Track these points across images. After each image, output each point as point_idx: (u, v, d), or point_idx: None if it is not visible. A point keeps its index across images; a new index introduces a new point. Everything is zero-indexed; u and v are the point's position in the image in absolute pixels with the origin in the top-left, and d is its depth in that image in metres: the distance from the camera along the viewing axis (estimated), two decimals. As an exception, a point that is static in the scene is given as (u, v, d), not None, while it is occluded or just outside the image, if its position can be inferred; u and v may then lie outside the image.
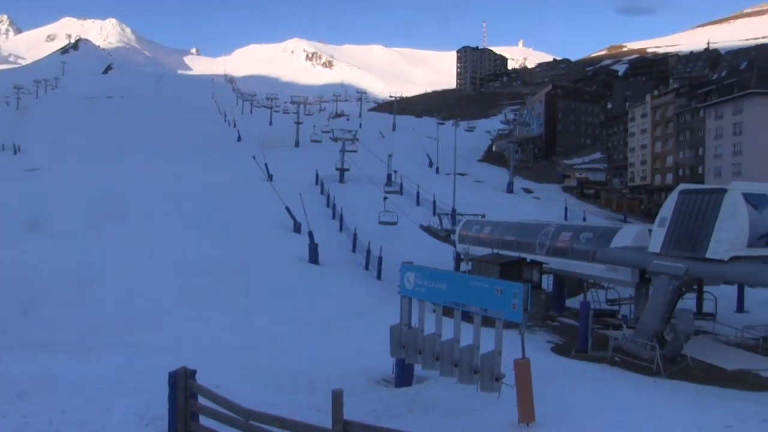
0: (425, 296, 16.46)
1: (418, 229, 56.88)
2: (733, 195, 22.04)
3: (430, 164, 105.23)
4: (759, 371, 21.87)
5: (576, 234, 32.66)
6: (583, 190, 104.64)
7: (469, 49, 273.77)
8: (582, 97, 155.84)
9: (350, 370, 18.64)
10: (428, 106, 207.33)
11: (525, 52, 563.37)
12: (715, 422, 14.86)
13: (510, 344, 14.77)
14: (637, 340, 24.13)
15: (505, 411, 14.10)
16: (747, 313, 32.89)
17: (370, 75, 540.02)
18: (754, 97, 78.47)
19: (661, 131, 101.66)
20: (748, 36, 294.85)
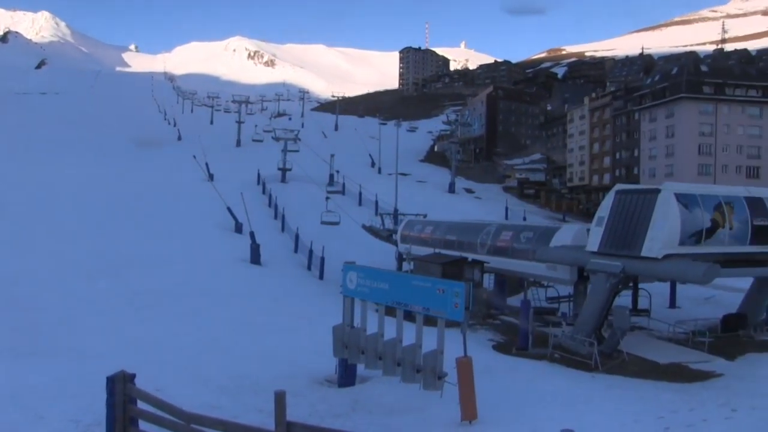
0: (367, 296, 16.48)
1: (360, 229, 56.95)
2: (666, 195, 22.71)
3: (372, 164, 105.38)
4: (689, 364, 22.61)
5: (516, 233, 33.16)
6: (523, 190, 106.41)
7: (412, 50, 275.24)
8: (522, 99, 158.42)
9: (293, 370, 18.53)
10: (371, 107, 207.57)
11: (467, 53, 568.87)
12: (649, 414, 15.37)
13: (452, 343, 14.91)
14: (576, 336, 24.63)
15: (448, 409, 14.24)
16: (679, 309, 33.93)
17: (312, 74, 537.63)
18: (684, 101, 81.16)
19: (598, 133, 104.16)
20: (679, 43, 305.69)
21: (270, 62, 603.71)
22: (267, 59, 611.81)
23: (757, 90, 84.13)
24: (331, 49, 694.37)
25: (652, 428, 14.29)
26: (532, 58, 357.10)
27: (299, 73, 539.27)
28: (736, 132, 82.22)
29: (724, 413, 15.58)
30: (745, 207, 23.70)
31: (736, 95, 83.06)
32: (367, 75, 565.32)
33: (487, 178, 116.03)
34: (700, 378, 20.88)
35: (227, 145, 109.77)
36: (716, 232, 22.94)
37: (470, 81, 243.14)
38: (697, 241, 22.64)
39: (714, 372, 21.56)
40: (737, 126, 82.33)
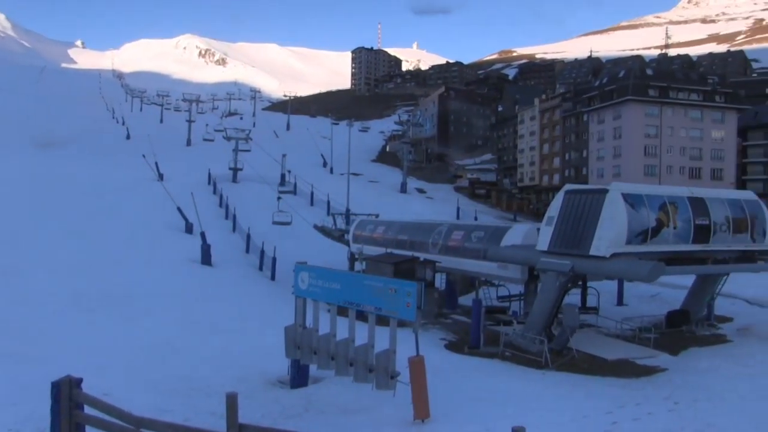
0: (319, 296, 16.45)
1: (312, 229, 56.75)
2: (614, 195, 23.18)
3: (324, 164, 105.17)
4: (635, 360, 23.18)
5: (468, 233, 33.43)
6: (474, 190, 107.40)
7: (364, 50, 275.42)
8: (474, 100, 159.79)
9: (245, 372, 18.39)
10: (323, 106, 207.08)
11: (419, 54, 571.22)
12: (597, 410, 15.71)
13: (404, 342, 14.99)
14: (527, 335, 24.98)
15: (401, 408, 14.31)
16: (626, 306, 34.72)
17: (264, 74, 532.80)
18: (631, 103, 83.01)
19: (548, 134, 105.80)
20: (626, 47, 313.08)
21: (221, 61, 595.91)
22: (218, 58, 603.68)
23: (698, 94, 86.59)
24: (284, 48, 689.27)
25: (600, 423, 14.59)
26: (483, 59, 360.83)
27: (251, 72, 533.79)
28: (679, 134, 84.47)
29: (667, 406, 16.06)
30: (688, 207, 24.35)
31: (679, 98, 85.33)
32: (319, 75, 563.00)
33: (438, 178, 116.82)
34: (646, 373, 21.42)
35: (177, 145, 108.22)
36: (661, 231, 23.50)
37: (422, 81, 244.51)
38: (643, 240, 23.16)
39: (659, 367, 22.15)
40: (680, 128, 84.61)
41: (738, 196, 27.77)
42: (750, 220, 26.11)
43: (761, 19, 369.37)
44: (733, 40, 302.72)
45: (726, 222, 25.12)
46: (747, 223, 25.98)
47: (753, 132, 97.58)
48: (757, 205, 27.15)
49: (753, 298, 34.27)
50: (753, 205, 26.91)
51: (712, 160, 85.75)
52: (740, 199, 27.13)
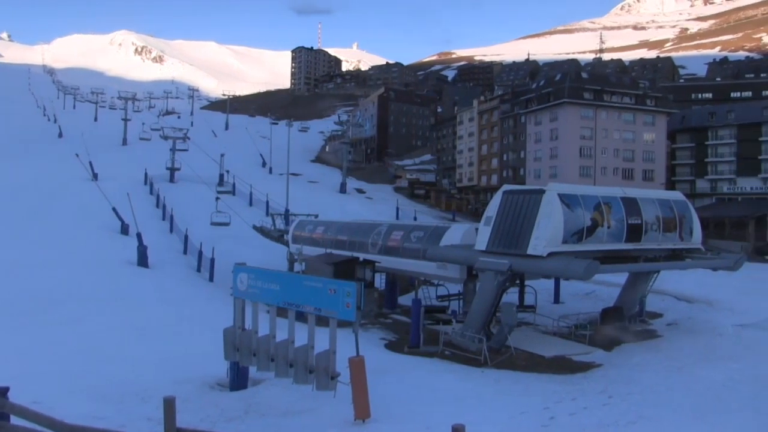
0: (259, 297, 16.32)
1: (251, 229, 56.14)
2: (550, 195, 23.65)
3: (263, 164, 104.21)
4: (572, 356, 23.71)
5: (407, 233, 33.59)
6: (413, 191, 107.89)
7: (304, 50, 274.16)
8: (413, 101, 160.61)
9: (183, 375, 18.07)
10: (262, 106, 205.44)
11: (359, 54, 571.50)
12: (535, 405, 16.04)
13: (344, 342, 14.99)
14: (466, 333, 25.25)
15: (341, 408, 14.31)
16: (562, 304, 35.47)
17: (202, 72, 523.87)
18: (567, 106, 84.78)
19: (487, 135, 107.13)
20: (562, 50, 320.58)
21: (158, 58, 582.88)
22: (155, 55, 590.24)
23: (630, 97, 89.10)
24: (222, 46, 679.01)
25: (538, 419, 14.90)
26: (423, 60, 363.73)
27: (189, 70, 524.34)
28: (613, 136, 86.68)
29: (602, 400, 16.51)
30: (622, 207, 25.03)
31: (612, 101, 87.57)
32: (258, 74, 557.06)
33: (378, 178, 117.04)
34: (582, 369, 21.94)
35: (113, 144, 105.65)
36: (596, 230, 24.08)
37: (362, 82, 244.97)
38: (578, 240, 23.68)
39: (594, 363, 22.71)
40: (614, 130, 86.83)
41: (667, 197, 28.69)
42: (678, 219, 27.00)
43: (686, 28, 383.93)
44: (662, 47, 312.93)
45: (657, 221, 25.92)
46: (676, 222, 26.86)
47: (681, 135, 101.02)
48: (685, 206, 28.10)
49: (681, 295, 35.44)
50: (681, 206, 27.84)
51: (644, 161, 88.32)
52: (669, 199, 28.03)
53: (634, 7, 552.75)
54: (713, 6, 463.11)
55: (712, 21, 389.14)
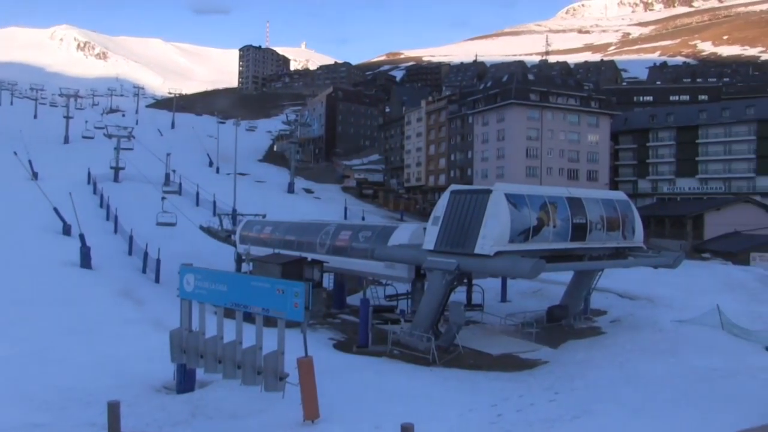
0: (206, 298, 16.13)
1: (197, 230, 55.34)
2: (497, 195, 23.92)
3: (210, 164, 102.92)
4: (519, 354, 24.07)
5: (355, 233, 33.58)
6: (362, 191, 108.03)
7: (252, 48, 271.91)
8: (361, 101, 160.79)
9: (128, 379, 17.74)
10: (209, 105, 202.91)
11: (307, 53, 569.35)
12: (482, 403, 16.23)
13: (293, 343, 14.92)
14: (414, 332, 25.37)
15: (291, 409, 14.24)
16: (509, 303, 35.92)
17: (148, 70, 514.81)
18: (514, 107, 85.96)
19: (434, 135, 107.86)
20: (509, 52, 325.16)
21: (102, 55, 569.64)
22: (99, 51, 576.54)
23: (575, 99, 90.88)
24: (169, 43, 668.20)
25: (486, 416, 15.07)
26: (371, 60, 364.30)
27: (134, 67, 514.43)
28: (558, 137, 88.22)
29: (548, 396, 16.81)
30: (567, 206, 25.48)
31: (558, 103, 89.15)
32: (205, 72, 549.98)
33: (326, 178, 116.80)
34: (529, 366, 22.28)
35: (54, 142, 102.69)
36: (542, 230, 24.46)
37: (310, 81, 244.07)
38: (525, 239, 24.01)
39: (540, 360, 23.09)
40: (560, 131, 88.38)
41: (611, 197, 29.32)
42: (622, 218, 27.63)
43: (628, 33, 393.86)
44: (606, 51, 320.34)
45: (600, 221, 26.47)
46: (619, 221, 27.48)
47: (623, 136, 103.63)
48: (627, 205, 28.78)
49: (624, 292, 36.27)
50: (624, 205, 28.50)
51: (588, 162, 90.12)
52: (613, 199, 28.66)
53: (579, 12, 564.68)
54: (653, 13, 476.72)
55: (652, 27, 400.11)
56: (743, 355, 21.14)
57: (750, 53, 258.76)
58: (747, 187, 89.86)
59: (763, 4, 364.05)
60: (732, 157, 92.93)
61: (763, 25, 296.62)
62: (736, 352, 21.54)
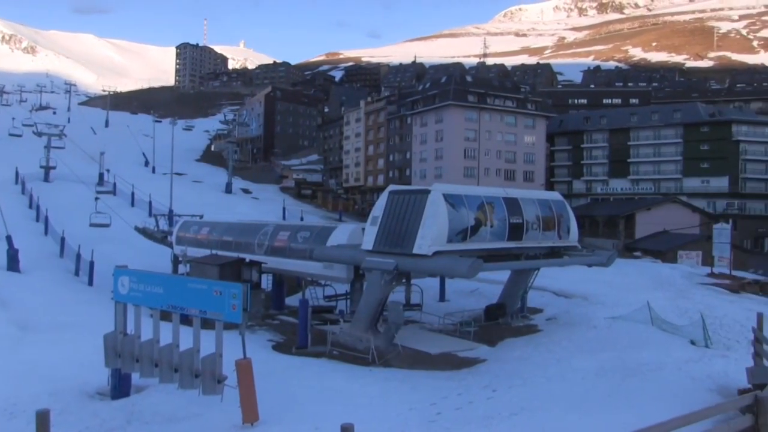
0: (141, 301, 15.82)
1: (133, 231, 54.15)
2: (435, 196, 24.09)
3: (146, 163, 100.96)
4: (457, 352, 24.31)
5: (294, 233, 33.37)
6: (300, 191, 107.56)
7: (189, 46, 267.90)
8: (300, 100, 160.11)
9: (59, 386, 17.21)
10: (145, 103, 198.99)
11: (246, 52, 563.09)
12: (422, 401, 16.36)
13: (231, 345, 14.75)
14: (354, 333, 25.38)
15: (229, 412, 14.08)
16: (448, 302, 36.22)
17: (80, 66, 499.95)
18: (452, 108, 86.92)
19: (373, 135, 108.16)
20: (447, 54, 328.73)
21: (30, 49, 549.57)
22: (26, 45, 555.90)
23: (512, 101, 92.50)
24: (102, 40, 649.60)
25: (425, 415, 15.20)
26: (310, 60, 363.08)
27: (65, 63, 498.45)
28: (496, 138, 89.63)
29: (486, 394, 17.05)
30: (504, 207, 25.87)
31: (495, 105, 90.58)
32: (141, 70, 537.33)
33: (264, 178, 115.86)
34: (467, 365, 22.53)
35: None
36: (479, 229, 24.76)
37: (249, 81, 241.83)
38: (463, 239, 24.27)
39: (479, 358, 23.38)
40: (497, 132, 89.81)
41: (547, 197, 29.91)
42: (557, 218, 28.22)
43: (564, 37, 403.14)
44: (542, 54, 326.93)
45: (537, 221, 26.97)
46: (554, 221, 28.06)
47: (559, 138, 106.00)
48: (562, 205, 29.41)
49: (560, 291, 37.02)
50: (559, 205, 29.11)
51: (525, 163, 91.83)
52: (548, 199, 29.24)
53: (516, 15, 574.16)
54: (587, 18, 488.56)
55: (586, 32, 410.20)
56: (671, 349, 21.89)
57: (676, 60, 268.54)
58: (675, 188, 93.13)
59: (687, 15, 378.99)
60: (661, 159, 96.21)
61: (687, 34, 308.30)
62: (665, 346, 22.28)
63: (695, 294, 37.59)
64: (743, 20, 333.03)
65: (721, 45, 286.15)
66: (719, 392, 15.49)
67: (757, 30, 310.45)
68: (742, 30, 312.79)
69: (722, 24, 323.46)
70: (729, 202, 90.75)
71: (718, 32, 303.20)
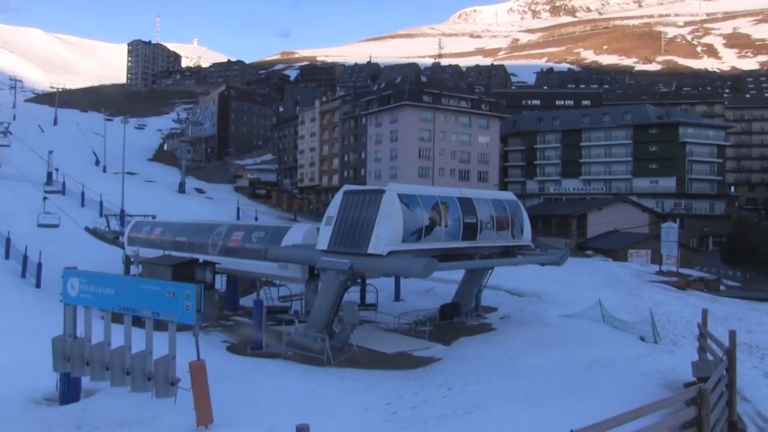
0: (92, 303, 15.50)
1: (83, 231, 53.04)
2: (390, 196, 24.15)
3: (96, 162, 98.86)
4: (412, 352, 24.41)
5: (248, 233, 33.10)
6: (255, 191, 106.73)
7: (141, 43, 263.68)
8: (255, 100, 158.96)
9: (4, 392, 16.71)
10: (95, 101, 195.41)
11: (200, 50, 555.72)
12: (378, 401, 16.39)
13: (185, 347, 14.58)
14: (309, 333, 25.27)
15: (183, 415, 13.90)
16: (403, 302, 36.36)
17: (26, 62, 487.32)
18: (407, 108, 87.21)
19: (328, 135, 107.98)
20: (402, 54, 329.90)
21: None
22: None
23: (467, 102, 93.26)
24: (50, 35, 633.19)
25: (381, 414, 15.23)
26: (265, 59, 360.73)
27: (10, 58, 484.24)
28: (450, 138, 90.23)
29: (441, 393, 17.16)
30: (458, 206, 26.07)
31: (450, 105, 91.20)
32: (91, 66, 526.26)
33: (218, 178, 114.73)
34: (422, 364, 22.63)
35: None
36: (434, 229, 24.90)
37: (203, 79, 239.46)
38: (417, 238, 24.37)
39: (434, 357, 23.51)
40: (451, 133, 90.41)
41: (500, 197, 30.24)
42: (511, 218, 28.55)
43: (517, 39, 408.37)
44: (496, 55, 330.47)
45: (491, 220, 27.24)
46: (508, 221, 28.39)
47: (512, 138, 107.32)
48: (516, 205, 29.76)
49: (513, 289, 37.53)
50: (513, 205, 29.46)
51: (479, 163, 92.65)
52: (502, 199, 29.57)
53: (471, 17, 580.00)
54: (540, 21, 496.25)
55: (539, 34, 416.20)
56: (621, 345, 22.38)
57: (626, 63, 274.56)
58: (625, 188, 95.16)
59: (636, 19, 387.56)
60: (612, 159, 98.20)
61: (636, 38, 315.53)
62: (616, 343, 22.77)
63: (644, 291, 38.52)
64: (688, 26, 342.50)
65: (668, 49, 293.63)
66: (667, 386, 15.92)
67: (701, 36, 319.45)
68: (687, 36, 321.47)
69: (669, 29, 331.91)
70: (676, 202, 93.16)
71: (666, 37, 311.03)
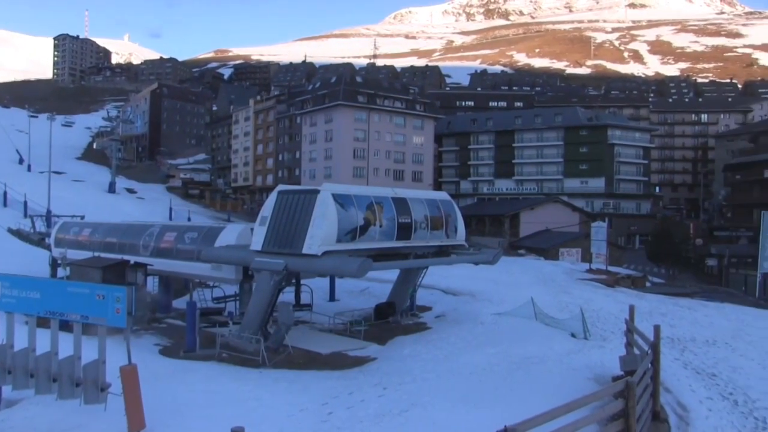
0: (15, 308, 14.96)
1: (5, 233, 51.26)
2: (325, 196, 24.09)
3: (20, 161, 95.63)
4: (348, 352, 24.43)
5: (181, 234, 32.55)
6: (187, 191, 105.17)
7: (69, 38, 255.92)
8: (188, 98, 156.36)
9: None
10: (19, 96, 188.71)
11: (131, 47, 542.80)
12: (314, 402, 16.36)
13: (116, 351, 14.26)
14: (243, 335, 25.01)
15: (114, 421, 13.59)
16: (338, 301, 36.31)
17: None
18: (341, 108, 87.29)
19: (262, 135, 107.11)
20: (338, 54, 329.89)
21: None
22: None
23: (401, 102, 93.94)
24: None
25: (316, 415, 15.21)
26: (198, 57, 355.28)
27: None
28: (385, 138, 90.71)
29: (377, 392, 17.25)
30: (393, 206, 26.20)
31: (385, 105, 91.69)
32: (13, 60, 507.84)
33: (150, 177, 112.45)
34: (358, 363, 22.67)
35: None
36: (369, 229, 24.96)
37: (134, 76, 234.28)
38: (352, 238, 24.40)
39: (369, 357, 23.58)
40: (386, 133, 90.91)
41: (435, 197, 30.52)
42: (445, 218, 28.86)
43: (452, 40, 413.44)
44: (431, 56, 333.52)
45: (425, 220, 27.48)
46: (442, 221, 28.68)
47: (447, 139, 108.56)
48: (450, 205, 30.11)
49: (448, 288, 37.91)
50: (447, 205, 29.78)
51: (414, 163, 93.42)
52: (436, 199, 29.85)
53: (406, 18, 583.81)
54: (475, 23, 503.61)
55: (473, 36, 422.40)
56: (553, 342, 22.89)
57: (557, 66, 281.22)
58: (556, 188, 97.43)
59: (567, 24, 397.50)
60: (543, 160, 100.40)
61: (567, 43, 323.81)
62: (548, 340, 23.27)
63: (575, 289, 39.51)
64: (615, 32, 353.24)
65: (597, 54, 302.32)
66: (597, 380, 16.40)
67: (627, 42, 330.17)
68: (615, 41, 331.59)
69: (598, 35, 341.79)
70: (605, 201, 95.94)
71: (595, 42, 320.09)
